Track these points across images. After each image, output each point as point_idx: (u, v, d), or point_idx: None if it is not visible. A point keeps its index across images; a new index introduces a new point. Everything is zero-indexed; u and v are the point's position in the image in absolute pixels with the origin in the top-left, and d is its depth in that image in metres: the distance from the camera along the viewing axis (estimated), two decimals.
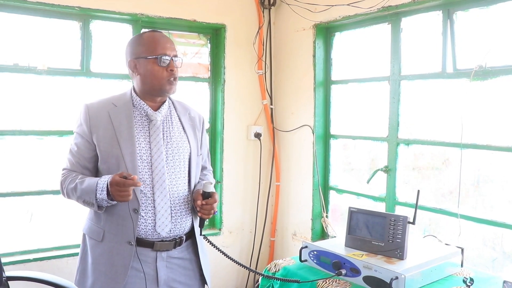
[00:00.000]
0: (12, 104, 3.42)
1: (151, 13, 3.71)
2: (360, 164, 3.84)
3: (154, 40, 2.28)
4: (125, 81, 3.77)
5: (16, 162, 3.50)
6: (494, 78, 2.82)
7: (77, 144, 2.30)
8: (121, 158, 2.21)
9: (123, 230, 2.22)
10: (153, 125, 2.30)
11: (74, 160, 2.29)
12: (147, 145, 2.27)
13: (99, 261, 2.25)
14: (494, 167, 2.92)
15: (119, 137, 2.23)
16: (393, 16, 3.36)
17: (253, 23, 4.24)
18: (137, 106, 2.32)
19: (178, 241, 2.33)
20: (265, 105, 4.35)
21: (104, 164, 2.25)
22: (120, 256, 2.21)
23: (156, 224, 2.24)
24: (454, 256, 2.49)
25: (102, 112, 2.28)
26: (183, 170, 2.36)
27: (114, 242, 2.23)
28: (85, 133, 2.27)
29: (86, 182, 2.17)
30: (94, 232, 2.29)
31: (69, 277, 3.29)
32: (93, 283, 2.26)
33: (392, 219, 2.45)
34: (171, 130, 2.35)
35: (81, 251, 2.37)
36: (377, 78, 3.56)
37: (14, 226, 3.52)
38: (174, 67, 2.27)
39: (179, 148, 2.35)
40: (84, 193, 2.16)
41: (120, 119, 2.27)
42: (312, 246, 2.57)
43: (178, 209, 2.30)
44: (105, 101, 2.34)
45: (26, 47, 3.42)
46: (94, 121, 2.26)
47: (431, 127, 3.25)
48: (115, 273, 2.21)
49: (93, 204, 2.15)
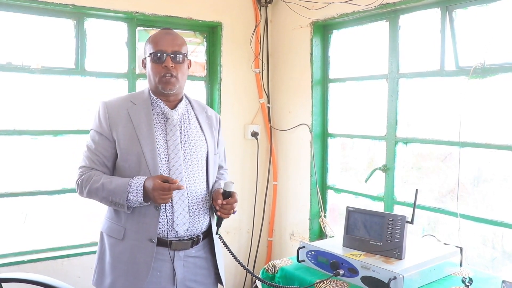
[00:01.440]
0: (6, 104, 3.40)
1: (147, 11, 3.69)
2: (358, 163, 3.83)
3: (155, 38, 2.30)
4: (120, 80, 3.76)
5: (10, 162, 3.48)
6: (493, 76, 2.81)
7: (95, 142, 2.30)
8: (142, 156, 2.22)
9: (145, 227, 2.22)
10: (170, 123, 2.31)
11: (93, 157, 2.29)
12: (164, 143, 2.28)
13: (119, 259, 2.26)
14: (493, 165, 2.91)
15: (139, 134, 2.24)
16: (391, 14, 3.34)
17: (249, 21, 4.23)
18: (154, 105, 2.33)
19: (196, 240, 2.34)
20: (262, 103, 4.34)
21: (124, 162, 2.26)
22: (142, 254, 2.22)
23: (174, 223, 2.25)
24: (453, 255, 2.47)
25: (121, 109, 2.30)
26: (201, 168, 2.37)
27: (136, 240, 2.23)
28: (104, 130, 2.28)
29: (115, 183, 2.18)
30: (114, 231, 2.29)
31: (64, 279, 3.30)
32: (113, 282, 2.27)
33: (391, 218, 2.43)
34: (189, 129, 2.36)
35: (99, 250, 2.38)
36: (375, 76, 3.54)
37: (8, 227, 3.50)
38: (169, 64, 2.25)
39: (196, 146, 2.36)
40: (112, 194, 2.17)
41: (139, 116, 2.28)
42: (310, 246, 2.56)
43: (196, 208, 2.31)
44: (124, 99, 2.37)
45: (19, 45, 3.40)
46: (113, 119, 2.28)
47: (429, 126, 3.24)
48: (137, 271, 2.22)
49: (123, 205, 2.16)
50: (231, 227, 4.27)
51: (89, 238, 3.70)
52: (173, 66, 2.25)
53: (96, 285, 2.36)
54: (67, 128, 3.61)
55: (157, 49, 2.25)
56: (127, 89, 3.76)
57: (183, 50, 2.31)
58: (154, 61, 2.26)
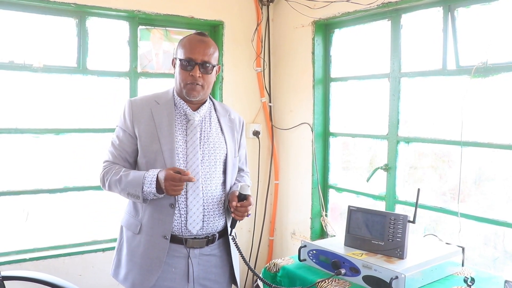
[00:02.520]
0: (8, 102, 3.40)
1: (148, 9, 3.68)
2: (360, 162, 3.82)
3: (188, 43, 2.33)
4: (122, 78, 3.76)
5: (12, 160, 3.48)
6: (495, 75, 2.80)
7: (119, 138, 2.38)
8: (160, 154, 2.28)
9: (159, 224, 2.28)
10: (191, 124, 2.36)
11: (116, 153, 2.37)
12: (184, 143, 2.33)
13: (135, 252, 2.33)
14: (495, 165, 2.90)
15: (160, 133, 2.30)
16: (393, 13, 3.33)
17: (251, 20, 4.22)
18: (177, 105, 2.39)
19: (211, 239, 2.38)
20: (263, 102, 4.33)
21: (143, 158, 2.33)
22: (156, 249, 2.28)
23: (187, 222, 2.29)
24: (455, 255, 2.46)
25: (145, 108, 2.36)
26: (218, 170, 2.40)
27: (150, 236, 2.29)
28: (127, 127, 2.35)
29: (132, 175, 2.25)
30: (132, 225, 2.36)
31: (65, 277, 3.30)
32: (126, 273, 2.34)
33: (392, 218, 2.42)
34: (209, 131, 2.41)
35: (118, 243, 2.45)
36: (377, 76, 3.54)
37: (10, 226, 3.50)
38: (196, 73, 2.28)
39: (215, 148, 2.39)
40: (129, 186, 2.23)
41: (162, 116, 2.34)
42: (311, 245, 2.55)
43: (211, 208, 2.35)
44: (149, 98, 2.43)
45: (21, 44, 3.40)
46: (137, 116, 2.35)
47: (431, 125, 3.23)
48: (150, 265, 2.28)
49: (139, 196, 2.21)
50: None
51: (90, 236, 3.71)
52: (200, 76, 2.29)
53: (113, 276, 2.44)
54: (69, 127, 3.61)
55: (187, 56, 2.29)
56: (128, 88, 3.76)
57: (213, 60, 2.34)
58: (183, 67, 2.30)
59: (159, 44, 3.92)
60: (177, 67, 2.35)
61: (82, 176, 3.67)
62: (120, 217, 2.49)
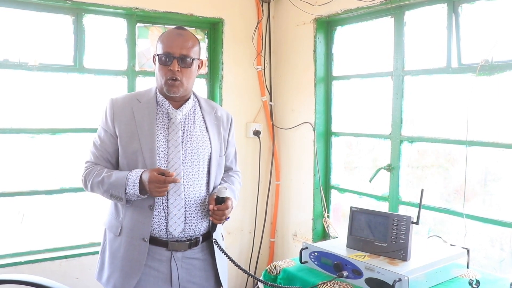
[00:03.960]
0: (3, 101, 3.38)
1: (146, 7, 3.66)
2: (362, 162, 3.81)
3: (166, 37, 2.29)
4: (119, 77, 3.74)
5: (7, 161, 3.46)
6: (500, 73, 2.78)
7: (100, 138, 2.34)
8: (140, 153, 2.24)
9: (139, 226, 2.25)
10: (172, 123, 2.31)
11: (97, 153, 2.34)
12: (165, 143, 2.29)
13: (115, 255, 2.29)
14: (501, 165, 2.88)
15: (140, 132, 2.26)
16: (396, 10, 3.31)
17: (251, 17, 4.20)
18: (160, 103, 2.35)
19: (194, 242, 2.33)
20: (264, 101, 4.31)
21: (124, 159, 2.30)
22: (135, 251, 2.24)
23: (168, 224, 2.25)
24: (460, 257, 2.44)
25: (126, 107, 2.32)
26: (202, 170, 2.36)
27: (130, 238, 2.26)
28: (108, 127, 2.31)
29: (114, 176, 2.22)
30: (113, 227, 2.33)
31: (62, 280, 3.27)
32: (109, 276, 2.31)
33: (395, 219, 2.40)
34: (192, 129, 2.36)
35: (102, 245, 2.42)
36: (380, 74, 3.52)
37: (5, 228, 3.48)
38: (175, 68, 2.23)
39: (198, 147, 2.34)
40: (112, 187, 2.21)
41: (143, 115, 2.30)
42: (313, 247, 2.53)
43: (194, 210, 2.31)
44: (130, 96, 2.40)
45: (16, 42, 3.38)
46: (118, 116, 2.31)
47: (435, 124, 3.21)
48: (130, 268, 2.24)
49: (122, 198, 2.20)
50: (232, 228, 4.24)
51: (87, 238, 3.68)
52: (179, 70, 2.24)
53: (97, 279, 2.41)
54: (65, 127, 3.59)
55: (165, 51, 2.24)
56: (126, 86, 3.74)
57: (192, 54, 2.28)
58: (162, 62, 2.25)
59: None
60: (156, 63, 2.30)
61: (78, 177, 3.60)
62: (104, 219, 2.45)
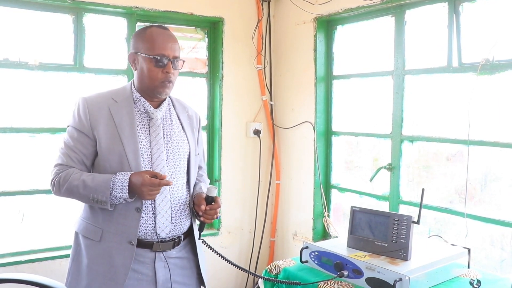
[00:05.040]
0: (3, 101, 3.38)
1: (146, 6, 3.66)
2: (363, 161, 3.80)
3: (156, 38, 2.22)
4: (120, 76, 3.73)
5: (7, 160, 3.45)
6: (502, 72, 2.77)
7: (74, 139, 2.21)
8: (124, 156, 2.17)
9: (124, 229, 2.18)
10: (154, 123, 2.26)
11: (71, 155, 2.20)
12: (147, 143, 2.23)
13: (96, 261, 2.19)
14: (502, 164, 2.87)
15: (121, 134, 2.18)
16: (397, 9, 3.30)
17: (252, 17, 4.19)
18: (137, 103, 2.28)
19: (177, 241, 2.30)
20: (264, 101, 4.30)
21: (105, 162, 2.20)
22: (121, 256, 2.17)
23: (156, 225, 2.21)
24: (461, 257, 2.45)
25: (103, 106, 2.22)
26: (182, 170, 2.33)
27: (114, 242, 2.18)
28: (84, 127, 2.20)
29: (96, 180, 2.12)
30: (90, 232, 2.23)
31: (62, 279, 3.24)
32: (88, 284, 2.20)
33: (396, 218, 2.41)
34: (171, 129, 2.32)
35: (74, 251, 2.30)
36: (380, 73, 3.51)
37: (5, 227, 3.47)
38: (171, 70, 2.21)
39: (179, 147, 2.32)
40: (94, 191, 2.11)
41: (121, 115, 2.22)
42: (313, 247, 2.53)
43: (178, 209, 2.28)
44: (104, 95, 2.28)
45: (16, 41, 3.37)
46: (94, 116, 2.20)
47: (436, 123, 3.20)
48: (114, 273, 2.16)
49: (106, 202, 2.10)
50: (232, 227, 4.24)
51: None
52: (172, 72, 2.23)
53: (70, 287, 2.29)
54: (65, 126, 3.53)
55: (159, 53, 2.20)
56: None
57: (181, 55, 2.29)
58: (155, 64, 2.20)
59: None
60: (144, 64, 2.21)
61: None
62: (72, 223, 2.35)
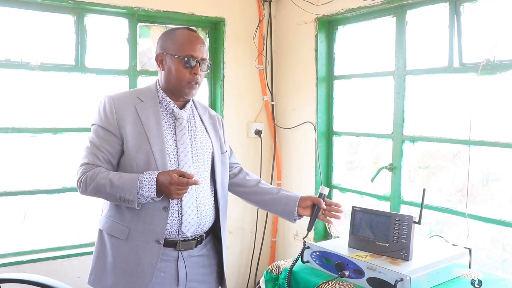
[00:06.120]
0: (4, 101, 3.38)
1: (148, 6, 3.65)
2: (364, 162, 3.80)
3: (185, 39, 2.26)
4: (121, 77, 3.73)
5: (9, 160, 3.45)
6: (503, 72, 2.76)
7: (100, 138, 2.21)
8: (151, 155, 2.18)
9: (152, 228, 2.19)
10: (180, 123, 2.29)
11: (98, 154, 2.20)
12: (174, 143, 2.25)
13: (122, 259, 2.21)
14: (503, 164, 2.86)
15: (148, 133, 2.19)
16: (398, 9, 3.30)
17: (253, 17, 4.19)
18: (162, 103, 2.30)
19: (200, 239, 2.33)
20: (265, 101, 4.29)
21: (132, 160, 2.20)
22: (148, 255, 2.18)
23: (182, 224, 2.22)
24: (462, 257, 2.42)
25: (129, 105, 2.24)
26: (207, 169, 2.36)
27: (141, 241, 2.19)
28: (111, 125, 2.20)
29: (123, 178, 2.12)
30: (116, 230, 2.23)
31: (63, 279, 3.26)
32: (114, 282, 2.22)
33: (397, 218, 2.39)
34: (195, 129, 2.35)
35: (98, 249, 2.31)
36: (382, 73, 3.51)
37: (7, 227, 3.47)
38: (199, 71, 2.24)
39: (203, 147, 2.34)
40: (121, 190, 2.11)
41: (148, 114, 2.24)
42: (314, 247, 2.52)
43: (203, 208, 2.30)
44: (130, 94, 2.31)
45: (18, 41, 3.37)
46: (120, 114, 2.21)
47: (437, 124, 3.19)
48: (141, 272, 2.18)
49: (133, 201, 2.10)
50: (233, 227, 4.23)
51: (89, 238, 3.67)
52: (200, 74, 2.26)
53: (93, 285, 2.31)
54: (67, 126, 3.58)
55: (188, 54, 2.22)
56: (128, 86, 3.74)
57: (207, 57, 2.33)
58: (184, 65, 2.22)
59: None
60: (173, 65, 2.24)
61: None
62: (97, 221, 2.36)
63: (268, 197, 2.48)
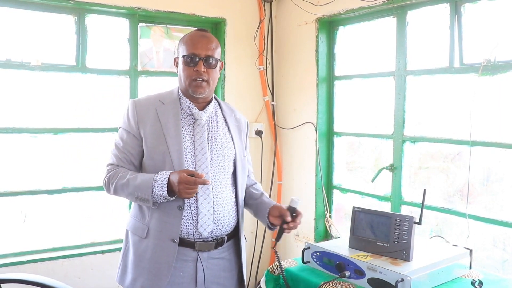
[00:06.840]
0: (5, 101, 3.38)
1: (149, 6, 3.65)
2: (365, 162, 3.79)
3: (190, 39, 2.30)
4: (122, 77, 3.73)
5: (9, 161, 3.45)
6: (503, 72, 2.76)
7: (123, 140, 2.32)
8: (168, 155, 2.23)
9: (167, 227, 2.23)
10: (198, 124, 2.31)
11: (120, 155, 2.31)
12: (191, 144, 2.28)
13: (142, 257, 2.27)
14: (504, 165, 2.86)
15: (166, 134, 2.25)
16: (399, 9, 3.30)
17: (254, 17, 4.19)
18: (183, 105, 2.34)
19: (220, 241, 2.34)
20: (266, 101, 4.29)
21: (150, 160, 2.28)
22: (164, 253, 2.23)
23: (198, 224, 2.24)
24: (462, 257, 2.43)
25: (150, 108, 2.31)
26: (228, 171, 2.37)
27: (158, 239, 2.24)
28: (132, 128, 2.30)
29: (140, 178, 2.20)
30: (138, 229, 2.30)
31: (64, 280, 3.26)
32: (134, 279, 2.29)
33: (398, 219, 2.40)
34: (216, 131, 2.37)
35: (124, 248, 2.39)
36: (382, 74, 3.50)
37: (8, 227, 3.47)
38: (201, 68, 2.25)
39: (223, 148, 2.36)
40: (138, 189, 2.18)
41: (167, 116, 2.29)
42: (315, 247, 2.53)
43: (222, 209, 2.31)
44: (153, 98, 2.38)
45: (19, 42, 3.37)
46: (141, 117, 2.29)
47: (438, 124, 3.19)
48: (158, 270, 2.23)
49: (148, 200, 2.17)
50: None
51: (89, 238, 3.68)
52: (205, 71, 2.26)
53: (119, 282, 2.38)
54: (68, 126, 3.58)
55: (190, 52, 2.25)
56: (128, 87, 3.73)
57: (216, 55, 2.31)
58: (187, 63, 2.26)
59: (159, 42, 3.89)
60: (180, 65, 2.30)
61: (81, 176, 3.64)
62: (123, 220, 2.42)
63: (250, 202, 2.52)
